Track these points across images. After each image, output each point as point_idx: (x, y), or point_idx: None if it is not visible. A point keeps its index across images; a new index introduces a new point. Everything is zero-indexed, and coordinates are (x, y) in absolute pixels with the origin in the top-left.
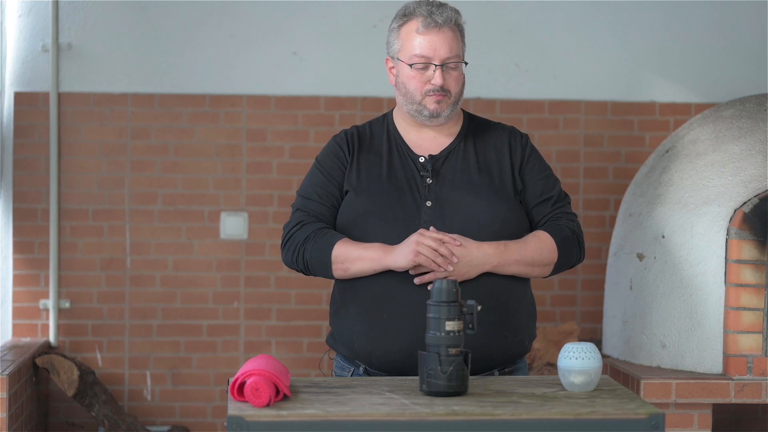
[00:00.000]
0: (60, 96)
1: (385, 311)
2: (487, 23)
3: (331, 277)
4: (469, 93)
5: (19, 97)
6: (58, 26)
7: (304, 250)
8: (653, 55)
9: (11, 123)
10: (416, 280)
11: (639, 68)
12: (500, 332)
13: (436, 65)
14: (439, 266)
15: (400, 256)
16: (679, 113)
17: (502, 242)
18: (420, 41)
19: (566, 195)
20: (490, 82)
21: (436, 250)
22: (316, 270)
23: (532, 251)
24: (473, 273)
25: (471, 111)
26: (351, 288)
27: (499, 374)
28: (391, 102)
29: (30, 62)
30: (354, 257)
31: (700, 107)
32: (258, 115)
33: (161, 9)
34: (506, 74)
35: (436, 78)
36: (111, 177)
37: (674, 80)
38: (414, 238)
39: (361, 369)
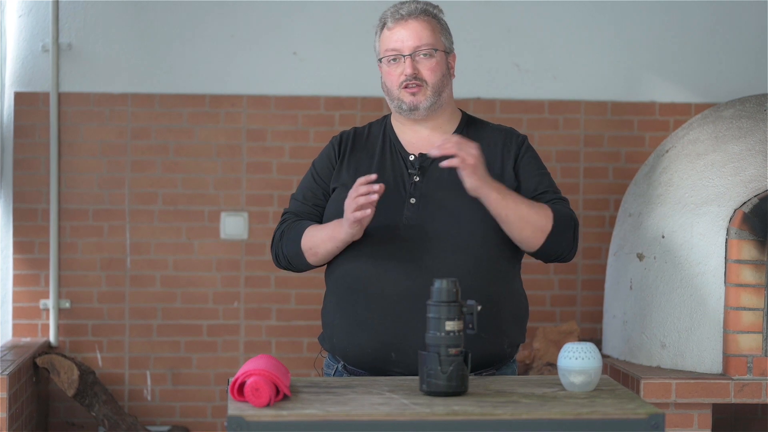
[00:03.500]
0: (60, 96)
1: (358, 305)
2: (486, 23)
3: (309, 266)
4: (469, 93)
5: (19, 97)
6: (58, 26)
7: (282, 245)
8: (653, 55)
9: (11, 123)
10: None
11: (639, 68)
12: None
13: (405, 56)
14: (364, 206)
15: (342, 226)
16: (679, 113)
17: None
18: (390, 36)
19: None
20: (490, 82)
21: (355, 199)
22: (296, 263)
23: (527, 207)
24: (481, 173)
25: (471, 111)
26: (332, 282)
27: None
28: None
29: (30, 62)
30: (317, 241)
31: (700, 107)
32: (258, 115)
33: (161, 9)
34: (506, 74)
35: (407, 67)
36: (111, 177)
37: (674, 80)
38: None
39: (341, 365)
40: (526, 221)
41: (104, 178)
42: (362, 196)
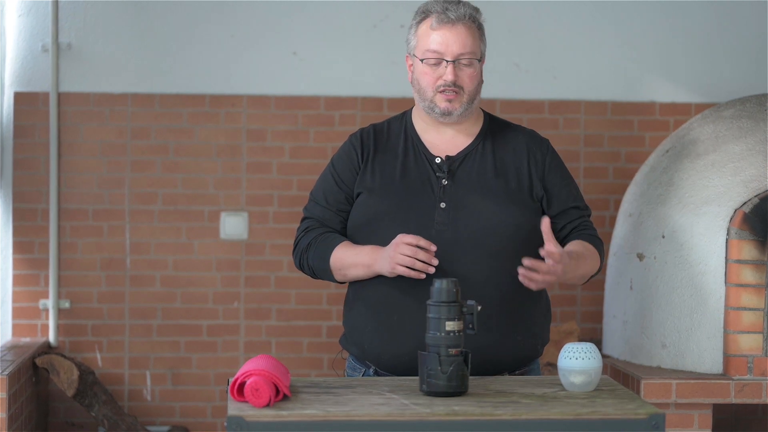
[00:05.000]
0: (60, 96)
1: (395, 312)
2: (487, 23)
3: (336, 281)
4: None
5: (19, 97)
6: (58, 26)
7: (308, 256)
8: (653, 55)
9: (11, 123)
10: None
11: (639, 68)
12: (512, 335)
13: (448, 61)
14: (420, 272)
15: (384, 264)
16: (679, 113)
17: (575, 253)
18: (433, 37)
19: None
20: (490, 82)
21: (413, 258)
22: (322, 275)
23: (589, 266)
24: (564, 272)
25: None
26: (362, 287)
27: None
28: (391, 102)
29: (30, 62)
30: (348, 264)
31: (700, 107)
32: (258, 115)
33: (161, 9)
34: (506, 74)
35: (448, 74)
36: (111, 177)
37: (674, 80)
38: (389, 251)
39: (371, 370)
40: (583, 277)
41: (104, 178)
42: (420, 262)
